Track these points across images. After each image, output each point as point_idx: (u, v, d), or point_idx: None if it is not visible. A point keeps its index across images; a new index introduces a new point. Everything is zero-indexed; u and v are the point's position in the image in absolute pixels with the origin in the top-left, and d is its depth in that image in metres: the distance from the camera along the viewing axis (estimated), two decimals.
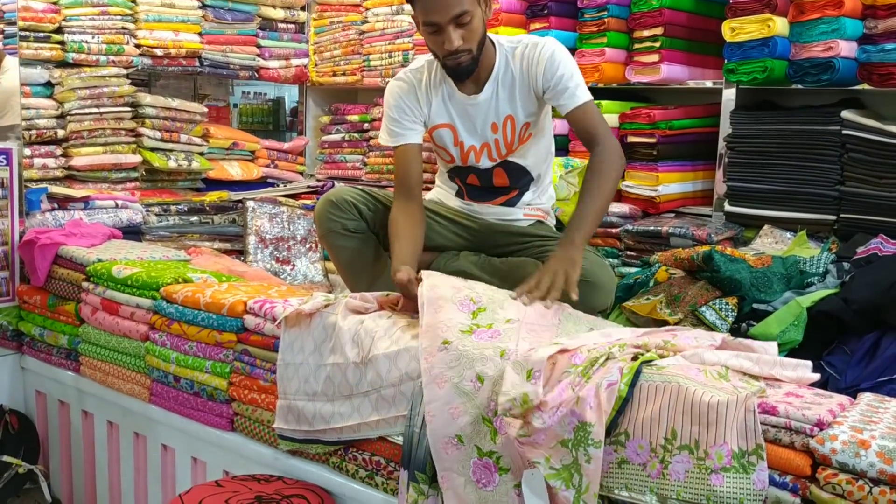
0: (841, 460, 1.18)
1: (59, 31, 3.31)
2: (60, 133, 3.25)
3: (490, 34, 2.27)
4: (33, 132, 3.18)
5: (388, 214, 2.36)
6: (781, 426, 1.24)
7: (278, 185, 4.02)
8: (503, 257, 2.37)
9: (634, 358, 1.49)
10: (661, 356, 1.51)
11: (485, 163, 2.37)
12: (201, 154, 3.69)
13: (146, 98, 3.50)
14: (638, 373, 1.41)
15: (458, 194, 2.49)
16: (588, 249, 2.20)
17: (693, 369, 1.43)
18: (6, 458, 2.51)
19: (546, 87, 2.24)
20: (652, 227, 3.14)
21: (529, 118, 2.32)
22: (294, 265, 3.42)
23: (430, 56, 2.29)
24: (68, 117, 3.26)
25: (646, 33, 3.31)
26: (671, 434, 1.33)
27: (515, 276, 2.21)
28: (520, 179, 2.43)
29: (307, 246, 3.48)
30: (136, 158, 3.43)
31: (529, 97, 2.29)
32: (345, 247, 2.34)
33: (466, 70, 2.19)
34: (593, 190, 2.15)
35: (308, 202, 3.87)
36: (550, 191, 2.60)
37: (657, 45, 3.28)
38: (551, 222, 2.57)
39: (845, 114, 2.78)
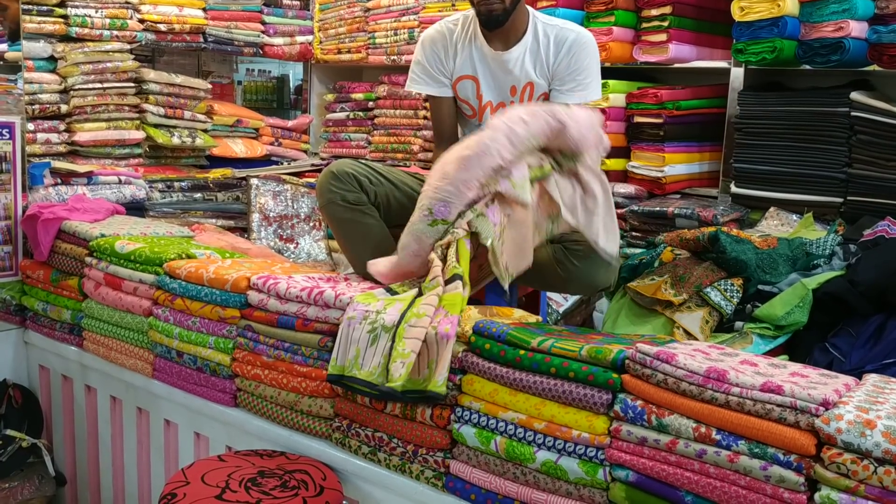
0: (846, 440, 1.17)
1: (62, 4, 3.29)
2: (63, 108, 3.24)
3: (528, 6, 2.38)
4: (36, 107, 3.17)
5: (392, 190, 2.36)
6: (787, 405, 1.24)
7: (282, 163, 4.00)
8: None
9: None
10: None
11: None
12: (205, 131, 3.67)
13: (150, 74, 3.48)
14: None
15: None
16: None
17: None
18: (10, 433, 2.52)
19: (560, 76, 2.32)
20: (657, 208, 3.13)
21: (546, 90, 2.38)
22: (297, 243, 3.41)
23: (468, 11, 2.39)
24: (71, 92, 3.25)
25: (654, 12, 3.28)
26: None
27: None
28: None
29: (311, 224, 3.47)
30: (140, 134, 3.41)
31: (544, 75, 2.37)
32: (343, 218, 2.33)
33: (496, 19, 2.28)
34: None
35: (312, 180, 3.85)
36: None
37: (665, 24, 3.25)
38: None
39: (854, 95, 2.76)
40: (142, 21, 3.51)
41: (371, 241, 2.33)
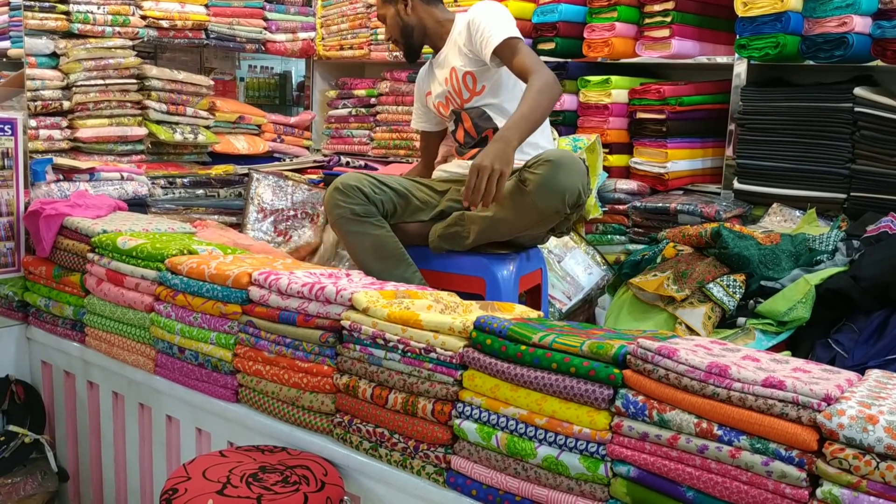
0: (848, 435, 1.16)
1: (64, 1, 3.29)
2: (66, 104, 3.23)
3: (457, 9, 2.73)
4: (38, 103, 3.17)
5: (394, 195, 2.42)
6: (789, 401, 1.23)
7: (284, 160, 4.00)
8: None
9: None
10: None
11: (449, 114, 2.69)
12: (207, 127, 3.67)
13: (152, 70, 3.48)
14: None
15: (458, 150, 2.72)
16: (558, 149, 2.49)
17: None
18: (12, 428, 2.52)
19: (473, 43, 2.51)
20: (660, 204, 3.12)
21: (469, 68, 2.55)
22: (291, 237, 3.40)
23: None
24: (74, 89, 3.25)
25: (657, 7, 3.28)
26: None
27: (495, 196, 2.18)
28: (484, 124, 2.58)
29: (308, 219, 3.47)
30: (142, 131, 3.41)
31: (465, 54, 2.55)
32: (354, 231, 2.38)
33: (405, 53, 2.77)
34: (533, 99, 2.25)
35: (314, 177, 3.86)
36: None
37: (668, 19, 3.25)
38: None
39: (858, 91, 2.75)
40: (144, 17, 3.51)
41: (383, 252, 2.38)
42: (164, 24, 3.55)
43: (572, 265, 3.05)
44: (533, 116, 2.25)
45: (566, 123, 3.49)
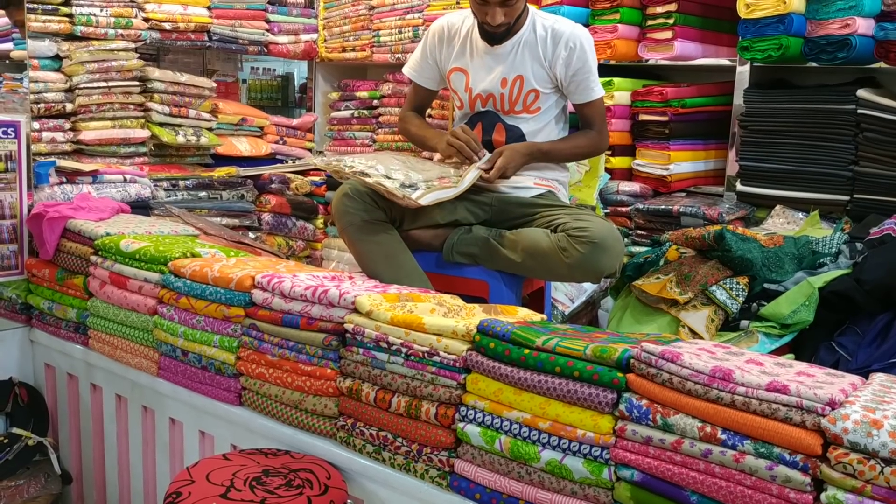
0: (853, 440, 1.16)
1: (66, 3, 3.29)
2: (69, 107, 3.24)
3: (527, 4, 2.46)
4: (41, 106, 3.17)
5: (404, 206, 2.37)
6: (793, 405, 1.23)
7: (287, 162, 4.00)
8: (514, 230, 2.36)
9: None
10: None
11: (478, 111, 2.53)
12: (210, 129, 3.67)
13: (155, 72, 3.48)
14: None
15: None
16: (596, 214, 2.40)
17: None
18: (16, 431, 2.52)
19: (563, 75, 2.40)
20: (663, 206, 3.12)
21: (538, 86, 2.43)
22: None
23: None
24: (77, 91, 3.25)
25: (659, 9, 3.28)
26: None
27: (525, 243, 2.27)
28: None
29: None
30: (145, 133, 3.41)
31: (542, 69, 2.42)
32: (364, 239, 2.31)
33: (500, 38, 2.41)
34: (572, 149, 2.53)
35: (316, 179, 3.86)
36: (562, 172, 2.58)
37: (671, 21, 3.25)
38: (563, 195, 2.56)
39: (861, 93, 2.75)
40: (146, 20, 3.51)
41: (393, 262, 2.32)
42: (167, 26, 3.55)
43: None
44: (557, 158, 2.51)
45: (570, 125, 3.48)
